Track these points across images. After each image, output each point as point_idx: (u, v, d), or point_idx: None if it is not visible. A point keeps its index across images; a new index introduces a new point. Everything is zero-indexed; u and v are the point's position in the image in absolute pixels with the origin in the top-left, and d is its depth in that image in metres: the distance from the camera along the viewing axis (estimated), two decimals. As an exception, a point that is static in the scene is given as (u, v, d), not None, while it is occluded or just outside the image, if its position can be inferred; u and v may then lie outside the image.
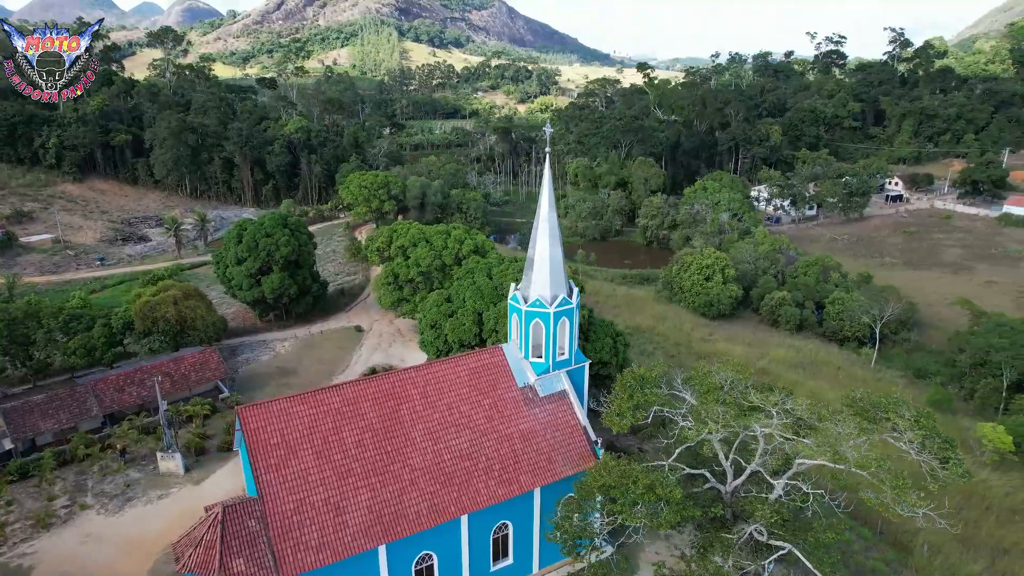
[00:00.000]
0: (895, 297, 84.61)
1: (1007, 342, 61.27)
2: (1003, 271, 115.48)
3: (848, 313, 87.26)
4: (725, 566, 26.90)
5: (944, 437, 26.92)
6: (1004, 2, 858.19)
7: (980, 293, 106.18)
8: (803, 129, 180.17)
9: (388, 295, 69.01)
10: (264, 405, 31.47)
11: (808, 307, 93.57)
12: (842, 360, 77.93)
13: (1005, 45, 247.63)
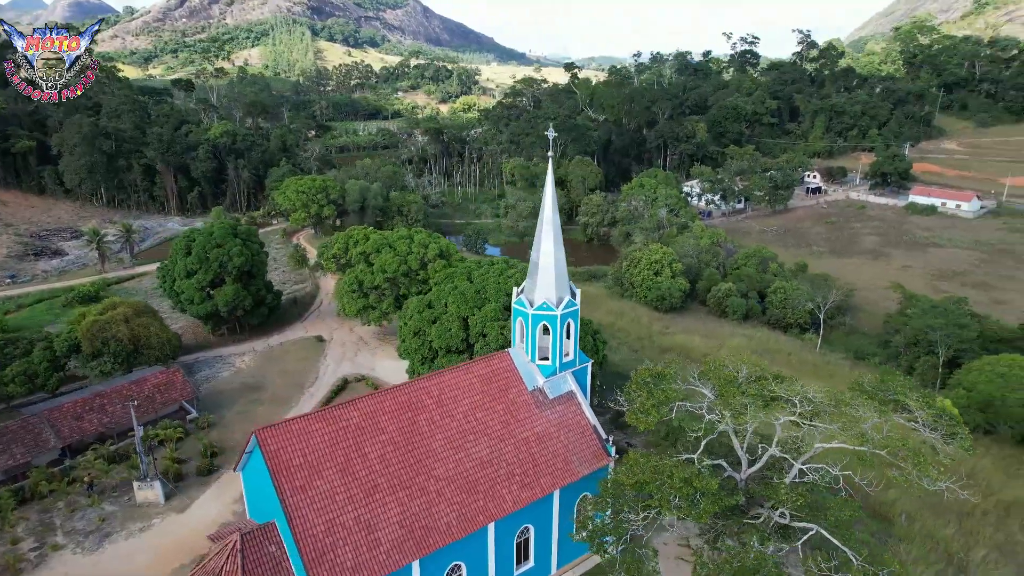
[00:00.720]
0: (831, 284, 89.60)
1: (943, 322, 66.26)
2: (915, 256, 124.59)
3: (791, 301, 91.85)
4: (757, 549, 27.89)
5: (951, 414, 29.00)
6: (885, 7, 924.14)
7: (898, 277, 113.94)
8: (726, 126, 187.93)
9: (353, 303, 67.26)
10: (283, 425, 30.14)
11: (752, 297, 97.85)
12: (791, 346, 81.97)
13: (896, 47, 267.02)
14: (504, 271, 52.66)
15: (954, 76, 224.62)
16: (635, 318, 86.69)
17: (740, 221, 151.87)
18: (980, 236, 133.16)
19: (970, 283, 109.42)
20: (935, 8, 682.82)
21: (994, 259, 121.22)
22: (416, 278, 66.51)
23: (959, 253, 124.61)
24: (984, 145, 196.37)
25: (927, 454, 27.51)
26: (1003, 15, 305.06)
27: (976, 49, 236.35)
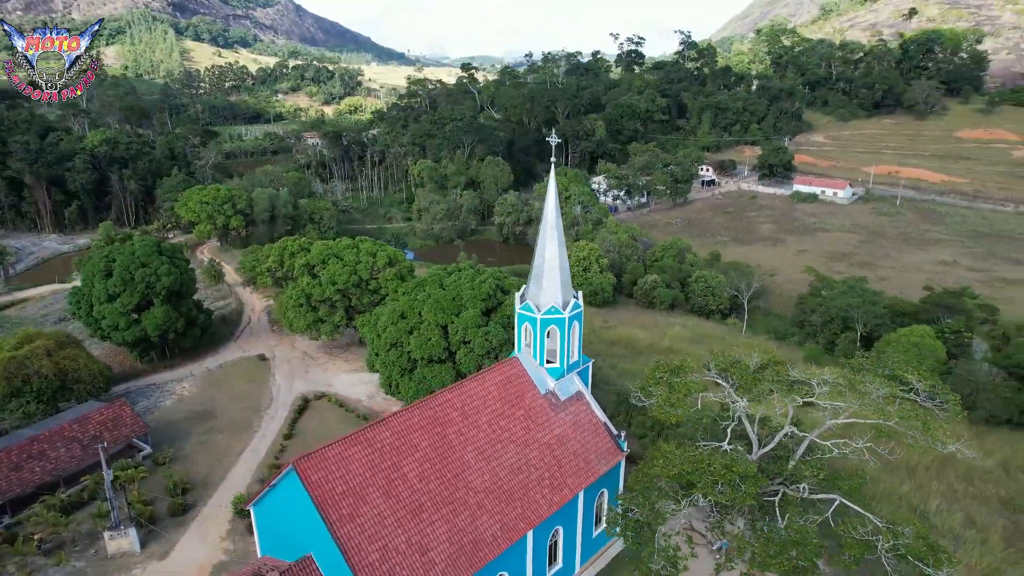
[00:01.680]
0: (752, 271, 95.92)
1: (860, 300, 72.93)
2: (807, 241, 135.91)
3: (712, 289, 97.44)
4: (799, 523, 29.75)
5: (943, 386, 32.26)
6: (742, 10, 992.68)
7: (796, 261, 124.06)
8: (622, 123, 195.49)
9: (301, 318, 64.22)
10: (319, 453, 28.54)
11: (675, 287, 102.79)
12: (720, 331, 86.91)
13: (763, 48, 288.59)
14: (475, 277, 52.31)
15: (815, 75, 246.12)
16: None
17: (645, 215, 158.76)
18: (857, 220, 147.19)
19: (857, 263, 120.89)
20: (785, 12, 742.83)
21: (871, 240, 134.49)
22: (367, 288, 64.57)
23: (843, 236, 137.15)
24: (845, 137, 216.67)
25: (933, 420, 30.56)
26: (846, 21, 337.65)
27: (830, 51, 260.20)
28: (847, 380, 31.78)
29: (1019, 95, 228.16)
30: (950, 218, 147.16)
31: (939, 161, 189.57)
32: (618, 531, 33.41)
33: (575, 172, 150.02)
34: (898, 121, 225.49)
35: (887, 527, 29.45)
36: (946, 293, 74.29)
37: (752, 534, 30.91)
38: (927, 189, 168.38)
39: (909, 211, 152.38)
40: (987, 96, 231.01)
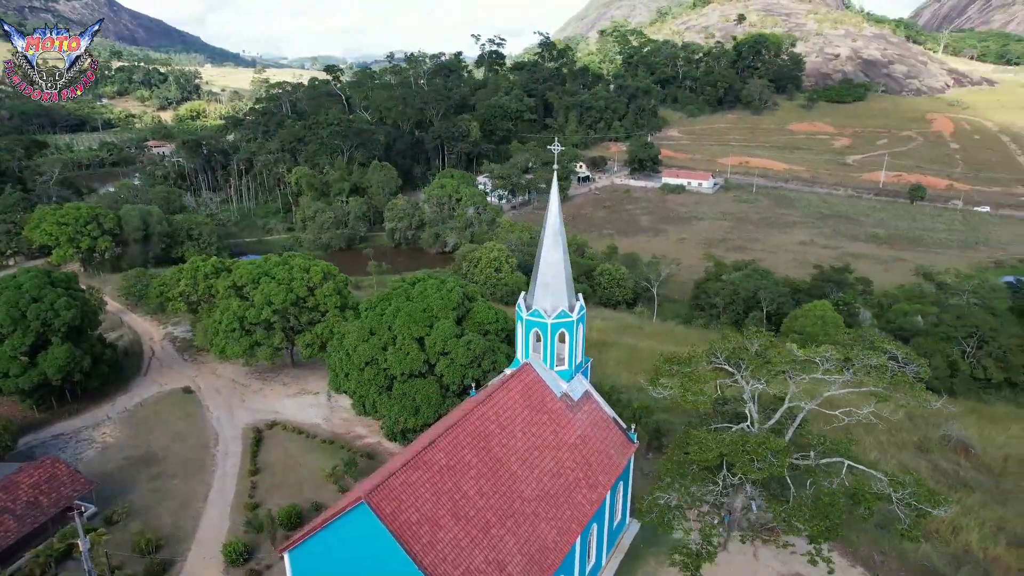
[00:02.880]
0: (653, 262, 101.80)
1: (766, 282, 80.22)
2: (685, 229, 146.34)
3: (618, 280, 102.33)
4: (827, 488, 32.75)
5: (913, 352, 36.78)
6: (579, 11, 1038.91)
7: (679, 248, 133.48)
8: (496, 124, 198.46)
9: (235, 343, 59.43)
10: (387, 485, 27.07)
11: (582, 281, 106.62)
12: (636, 320, 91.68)
13: (613, 48, 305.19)
14: (441, 286, 51.41)
15: (664, 74, 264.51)
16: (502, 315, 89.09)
17: (530, 212, 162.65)
18: (723, 208, 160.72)
19: (732, 247, 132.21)
20: (620, 15, 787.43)
21: (739, 226, 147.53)
22: (305, 306, 61.18)
23: (715, 224, 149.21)
24: (696, 132, 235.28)
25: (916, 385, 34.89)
26: (680, 24, 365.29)
27: (675, 52, 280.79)
28: (843, 354, 35.32)
29: (830, 92, 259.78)
30: (799, 202, 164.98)
31: (778, 151, 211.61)
32: (653, 518, 34.77)
33: (462, 174, 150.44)
34: (739, 116, 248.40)
35: (892, 479, 33.28)
36: (833, 270, 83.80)
37: (773, 504, 33.55)
38: (774, 177, 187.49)
39: (764, 197, 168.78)
40: (806, 93, 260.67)
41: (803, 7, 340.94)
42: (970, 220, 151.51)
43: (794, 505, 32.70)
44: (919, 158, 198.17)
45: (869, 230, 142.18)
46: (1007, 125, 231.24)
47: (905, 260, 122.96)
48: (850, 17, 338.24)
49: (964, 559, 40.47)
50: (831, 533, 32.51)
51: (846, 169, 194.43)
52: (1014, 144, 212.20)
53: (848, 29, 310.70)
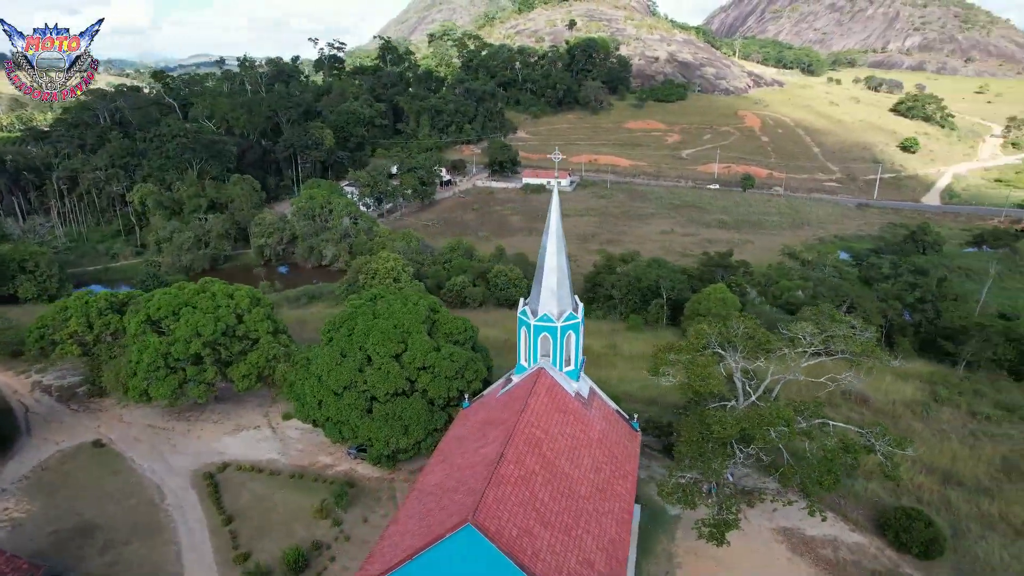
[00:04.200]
0: (528, 262, 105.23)
1: (666, 271, 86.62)
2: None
3: (514, 281, 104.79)
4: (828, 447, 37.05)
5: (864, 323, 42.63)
6: (398, 15, 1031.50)
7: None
8: (349, 130, 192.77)
9: (162, 383, 53.38)
10: (484, 505, 26.70)
11: (479, 284, 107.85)
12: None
13: (451, 52, 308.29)
14: (406, 300, 50.14)
15: (505, 77, 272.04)
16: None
17: (399, 219, 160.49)
18: (585, 204, 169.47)
19: (604, 241, 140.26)
20: (441, 18, 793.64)
21: (604, 220, 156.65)
22: (235, 335, 56.54)
23: (581, 220, 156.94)
24: (542, 132, 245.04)
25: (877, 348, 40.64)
26: (510, 28, 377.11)
27: (511, 55, 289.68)
28: (820, 328, 40.20)
29: (656, 92, 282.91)
30: (650, 195, 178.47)
31: (620, 148, 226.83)
32: (676, 497, 37.23)
33: (330, 183, 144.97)
34: (578, 116, 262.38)
35: (869, 431, 38.60)
36: (719, 256, 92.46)
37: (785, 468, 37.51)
38: (623, 172, 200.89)
39: (619, 192, 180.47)
40: (636, 93, 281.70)
41: (621, 13, 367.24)
42: (792, 204, 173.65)
43: (805, 466, 36.72)
44: (740, 150, 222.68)
45: (716, 217, 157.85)
46: (799, 120, 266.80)
47: (752, 242, 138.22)
48: (661, 23, 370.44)
49: (899, 491, 47.57)
50: (837, 485, 37.01)
51: (683, 163, 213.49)
52: (808, 137, 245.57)
53: (662, 34, 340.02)
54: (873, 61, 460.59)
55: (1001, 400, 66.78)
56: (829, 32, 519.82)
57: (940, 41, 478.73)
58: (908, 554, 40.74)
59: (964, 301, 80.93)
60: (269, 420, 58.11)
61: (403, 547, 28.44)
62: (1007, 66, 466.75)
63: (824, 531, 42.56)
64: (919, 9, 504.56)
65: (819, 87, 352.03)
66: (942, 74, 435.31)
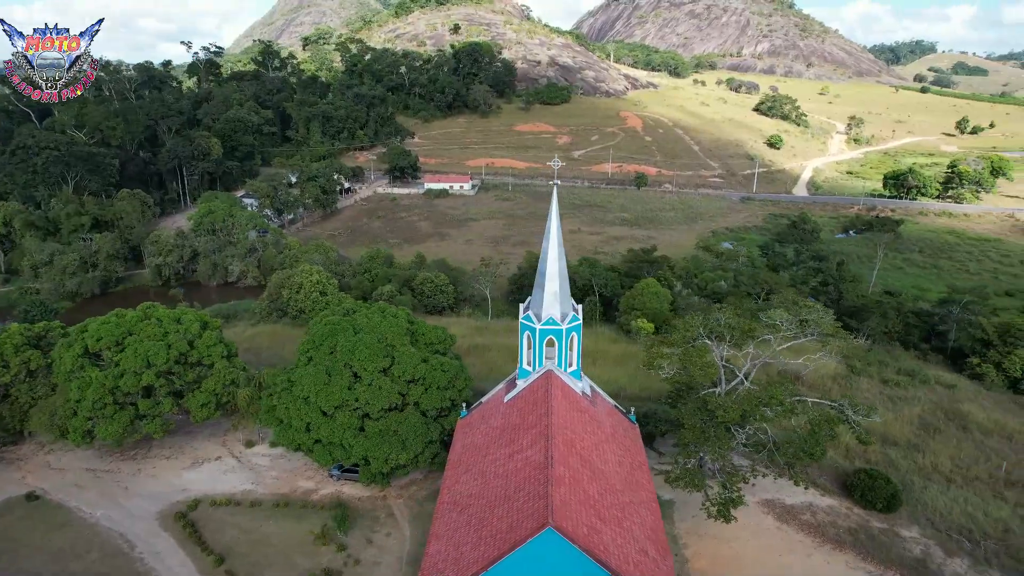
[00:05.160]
0: (484, 266, 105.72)
1: (598, 269, 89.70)
2: (466, 231, 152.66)
3: (440, 287, 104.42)
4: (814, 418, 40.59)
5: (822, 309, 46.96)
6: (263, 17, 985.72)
7: (470, 249, 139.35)
8: (237, 139, 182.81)
9: (111, 421, 48.93)
10: (555, 507, 27.23)
11: (404, 292, 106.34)
12: (483, 323, 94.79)
13: (332, 56, 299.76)
14: (385, 312, 49.14)
15: (392, 81, 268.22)
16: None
17: (302, 230, 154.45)
18: (490, 208, 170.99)
19: (516, 243, 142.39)
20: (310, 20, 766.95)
21: (513, 223, 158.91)
22: (188, 362, 52.91)
23: (490, 223, 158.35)
24: (435, 137, 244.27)
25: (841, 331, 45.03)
26: (389, 32, 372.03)
27: (396, 59, 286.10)
28: (795, 315, 43.96)
29: (541, 95, 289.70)
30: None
31: (514, 150, 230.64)
32: (684, 482, 39.47)
33: (228, 196, 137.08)
34: (469, 120, 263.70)
35: (839, 403, 42.82)
36: (643, 252, 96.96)
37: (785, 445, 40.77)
38: (520, 174, 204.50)
39: (521, 194, 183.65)
40: (522, 96, 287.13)
41: (499, 18, 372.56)
42: (684, 200, 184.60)
43: (798, 440, 40.11)
44: (627, 150, 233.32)
45: (617, 215, 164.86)
46: (677, 120, 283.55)
47: (654, 238, 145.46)
48: (540, 28, 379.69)
49: (850, 455, 52.83)
50: (823, 454, 40.72)
51: (576, 163, 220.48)
52: (687, 136, 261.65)
53: (542, 39, 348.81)
54: (731, 64, 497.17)
55: (902, 367, 75.29)
56: (691, 37, 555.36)
57: (785, 47, 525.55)
58: (873, 510, 45.50)
59: (859, 282, 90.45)
60: (230, 449, 54.87)
61: (468, 559, 28.44)
62: (840, 70, 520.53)
63: (800, 499, 46.57)
64: (766, 18, 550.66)
65: (688, 88, 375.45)
66: (789, 77, 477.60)
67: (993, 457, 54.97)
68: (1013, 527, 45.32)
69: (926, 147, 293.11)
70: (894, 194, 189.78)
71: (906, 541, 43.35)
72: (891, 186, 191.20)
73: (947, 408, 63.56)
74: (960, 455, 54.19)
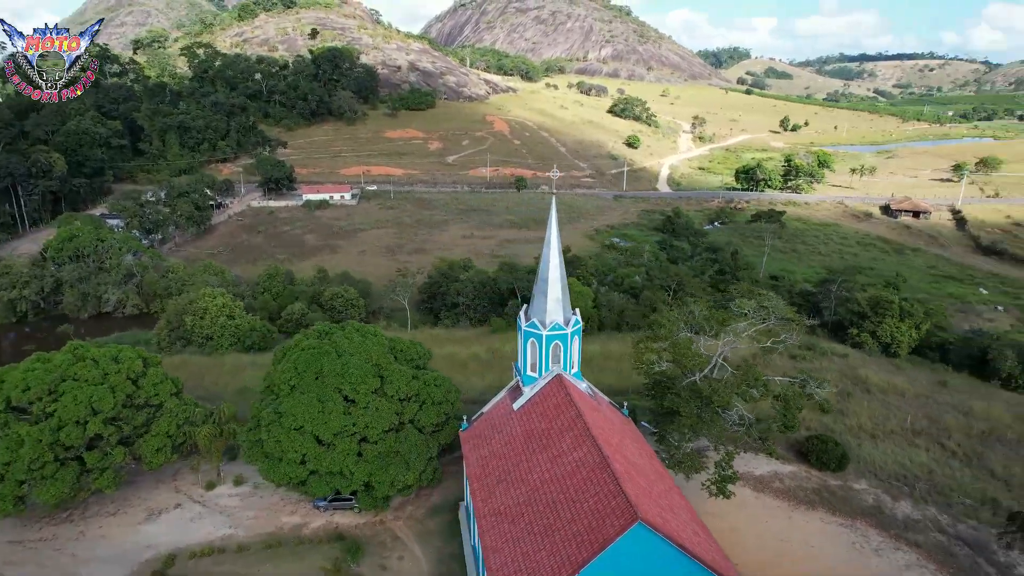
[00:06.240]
0: (401, 277, 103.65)
1: (520, 273, 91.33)
2: (357, 242, 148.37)
3: (350, 301, 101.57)
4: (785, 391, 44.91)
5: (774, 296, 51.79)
6: (71, 15, 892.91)
7: (365, 260, 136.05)
8: (83, 153, 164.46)
9: (57, 481, 43.27)
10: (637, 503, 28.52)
11: (314, 309, 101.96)
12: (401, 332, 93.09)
13: (177, 63, 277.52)
14: (365, 332, 47.47)
15: (249, 89, 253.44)
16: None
17: (176, 250, 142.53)
18: (375, 217, 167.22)
19: (413, 251, 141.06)
20: (132, 21, 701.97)
21: (402, 231, 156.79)
22: (135, 404, 48.08)
23: (379, 232, 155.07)
24: (302, 145, 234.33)
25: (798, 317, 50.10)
26: (235, 36, 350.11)
27: (250, 65, 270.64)
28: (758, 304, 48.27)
29: (406, 100, 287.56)
30: (435, 202, 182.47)
31: (388, 157, 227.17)
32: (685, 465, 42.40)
33: (89, 217, 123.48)
34: (335, 127, 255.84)
35: (798, 379, 47.83)
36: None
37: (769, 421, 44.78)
38: (399, 181, 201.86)
39: (404, 202, 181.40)
40: (387, 102, 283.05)
41: (353, 23, 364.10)
42: (563, 200, 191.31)
43: (776, 415, 44.31)
44: (499, 153, 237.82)
45: (504, 218, 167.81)
46: (540, 123, 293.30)
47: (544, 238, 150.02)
48: (396, 33, 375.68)
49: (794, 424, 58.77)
50: (797, 425, 45.27)
51: (452, 168, 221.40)
52: (553, 138, 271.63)
53: (399, 43, 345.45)
54: (579, 68, 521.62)
55: (802, 343, 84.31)
56: (539, 42, 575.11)
57: (627, 52, 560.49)
58: (828, 470, 51.18)
59: (752, 269, 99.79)
60: (187, 494, 50.50)
61: (548, 565, 29.02)
62: (676, 74, 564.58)
63: (766, 470, 51.33)
64: (607, 24, 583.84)
65: (544, 92, 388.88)
66: (633, 80, 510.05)
67: (897, 412, 63.59)
68: (934, 468, 53.01)
69: (759, 143, 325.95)
70: (746, 187, 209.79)
71: (860, 493, 49.30)
72: (742, 180, 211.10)
73: (850, 375, 72.28)
74: (874, 414, 62.07)
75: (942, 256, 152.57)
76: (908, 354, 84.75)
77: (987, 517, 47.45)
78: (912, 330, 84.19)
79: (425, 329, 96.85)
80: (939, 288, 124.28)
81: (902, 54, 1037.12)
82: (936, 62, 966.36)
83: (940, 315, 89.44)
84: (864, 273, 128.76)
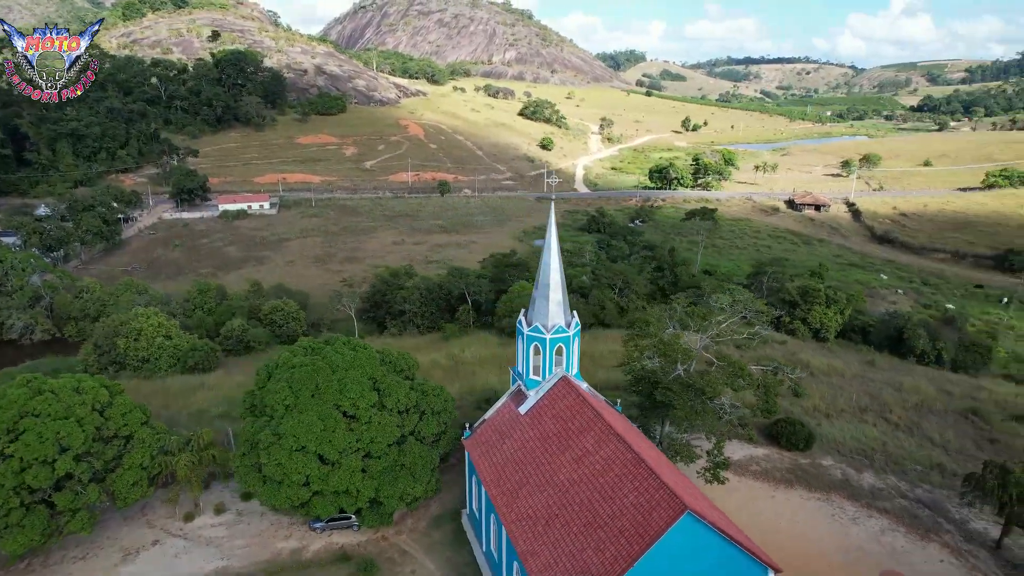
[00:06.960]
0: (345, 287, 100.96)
1: (470, 278, 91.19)
2: (284, 252, 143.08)
3: (291, 314, 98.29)
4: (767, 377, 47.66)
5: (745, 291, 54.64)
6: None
7: (295, 271, 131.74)
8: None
9: (25, 528, 39.66)
10: (681, 495, 29.68)
11: (254, 324, 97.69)
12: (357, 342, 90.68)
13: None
14: (355, 345, 46.24)
15: (145, 94, 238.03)
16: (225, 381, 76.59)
17: (83, 267, 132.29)
18: (299, 226, 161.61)
19: (344, 259, 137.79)
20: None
21: (330, 239, 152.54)
22: (105, 436, 44.81)
23: (306, 242, 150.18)
24: (209, 153, 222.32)
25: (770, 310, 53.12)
26: (122, 36, 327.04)
27: (145, 68, 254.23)
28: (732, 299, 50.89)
29: (316, 105, 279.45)
30: (359, 209, 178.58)
31: (302, 164, 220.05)
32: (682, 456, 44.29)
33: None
34: (242, 133, 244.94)
35: (773, 367, 50.95)
36: (503, 256, 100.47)
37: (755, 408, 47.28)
38: (319, 188, 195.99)
39: (327, 209, 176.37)
40: (295, 107, 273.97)
41: (252, 24, 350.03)
42: (487, 203, 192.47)
43: (758, 402, 46.98)
44: (417, 157, 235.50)
45: (432, 223, 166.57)
46: (455, 127, 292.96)
47: (476, 242, 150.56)
48: (297, 36, 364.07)
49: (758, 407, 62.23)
50: (777, 410, 48.16)
51: (371, 174, 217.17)
52: (469, 141, 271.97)
53: (303, 47, 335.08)
54: (484, 71, 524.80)
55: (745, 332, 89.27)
56: (442, 45, 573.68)
57: (531, 55, 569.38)
58: (797, 450, 54.72)
59: (689, 264, 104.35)
60: (164, 529, 47.58)
61: (596, 563, 29.78)
62: (579, 76, 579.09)
63: (741, 454, 54.21)
64: (510, 28, 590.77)
65: (454, 95, 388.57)
66: (538, 83, 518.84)
67: (841, 392, 68.65)
68: (886, 440, 57.77)
69: (664, 143, 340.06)
70: (660, 185, 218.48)
71: (828, 469, 53.05)
72: (656, 178, 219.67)
73: (793, 360, 77.15)
74: (824, 395, 66.78)
75: (844, 246, 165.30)
76: (835, 338, 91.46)
77: (938, 480, 52.32)
78: (838, 315, 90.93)
79: (373, 339, 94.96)
80: (847, 276, 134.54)
81: (782, 58, 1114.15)
82: (812, 66, 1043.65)
83: (859, 300, 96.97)
84: (782, 264, 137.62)
